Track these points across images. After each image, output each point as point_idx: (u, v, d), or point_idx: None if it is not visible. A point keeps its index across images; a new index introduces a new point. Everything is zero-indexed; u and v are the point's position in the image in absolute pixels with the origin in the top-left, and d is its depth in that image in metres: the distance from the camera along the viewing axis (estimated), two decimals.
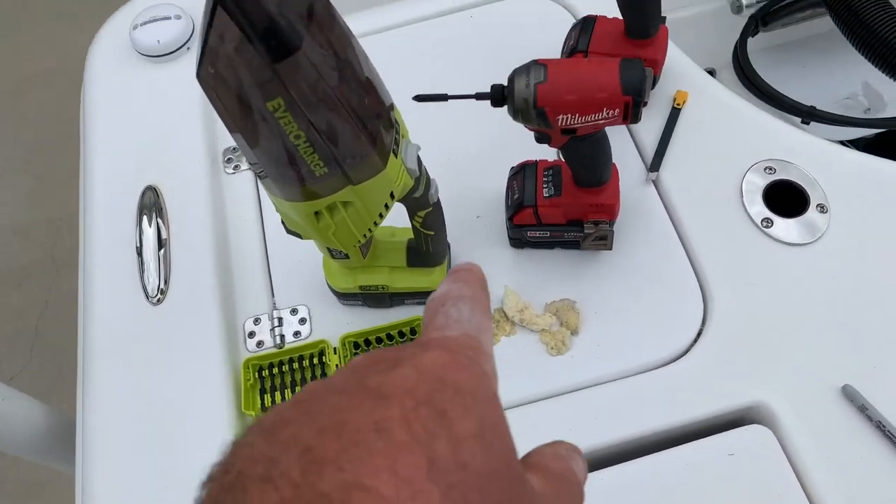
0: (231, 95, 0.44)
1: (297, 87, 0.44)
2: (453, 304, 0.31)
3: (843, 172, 0.74)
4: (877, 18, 0.82)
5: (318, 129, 0.46)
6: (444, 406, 0.24)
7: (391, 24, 0.91)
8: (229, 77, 0.43)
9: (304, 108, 0.45)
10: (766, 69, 1.14)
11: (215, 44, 0.41)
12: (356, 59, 0.49)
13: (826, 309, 0.68)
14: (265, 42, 0.40)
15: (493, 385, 0.28)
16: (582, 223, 0.69)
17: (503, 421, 0.26)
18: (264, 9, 0.39)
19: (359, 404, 0.23)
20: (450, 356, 0.26)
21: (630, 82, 0.55)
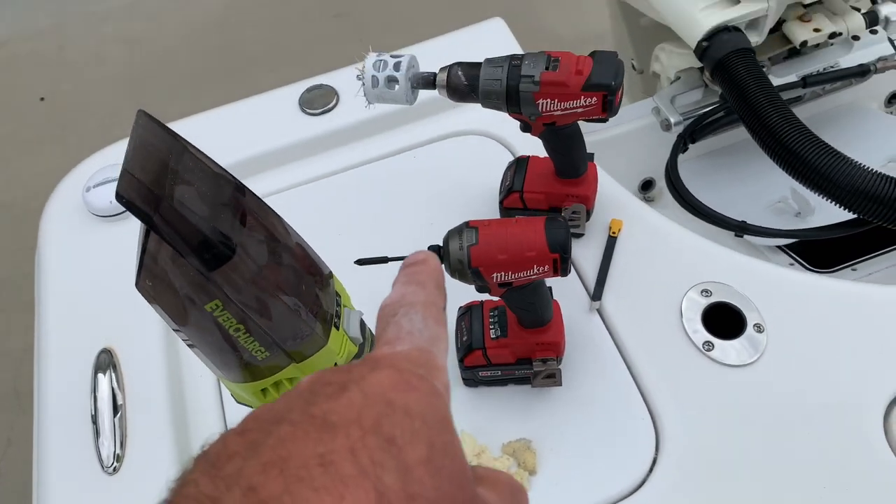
0: (169, 302, 0.46)
1: (234, 287, 0.46)
2: (405, 313, 0.30)
3: (774, 290, 0.78)
4: (792, 137, 0.88)
5: (255, 320, 0.48)
6: (393, 433, 0.23)
7: (338, 168, 0.95)
8: (166, 287, 0.45)
9: (240, 304, 0.47)
10: (700, 176, 1.20)
11: (150, 261, 0.43)
12: (290, 242, 0.52)
13: (771, 431, 0.70)
14: (199, 256, 0.43)
15: (445, 403, 0.27)
16: (531, 361, 0.71)
17: (455, 442, 0.25)
18: (196, 228, 0.42)
19: (304, 435, 0.23)
20: (398, 375, 0.26)
21: (555, 241, 0.58)
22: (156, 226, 0.40)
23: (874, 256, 0.99)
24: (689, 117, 1.09)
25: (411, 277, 0.33)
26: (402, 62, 0.71)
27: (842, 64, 1.09)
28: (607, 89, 0.66)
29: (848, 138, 1.19)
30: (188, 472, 0.23)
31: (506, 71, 0.68)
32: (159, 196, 0.39)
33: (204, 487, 0.22)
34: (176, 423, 0.75)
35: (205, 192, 0.43)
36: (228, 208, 0.45)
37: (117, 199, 0.39)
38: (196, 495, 0.22)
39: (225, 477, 0.22)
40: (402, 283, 0.32)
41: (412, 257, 0.34)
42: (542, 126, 0.72)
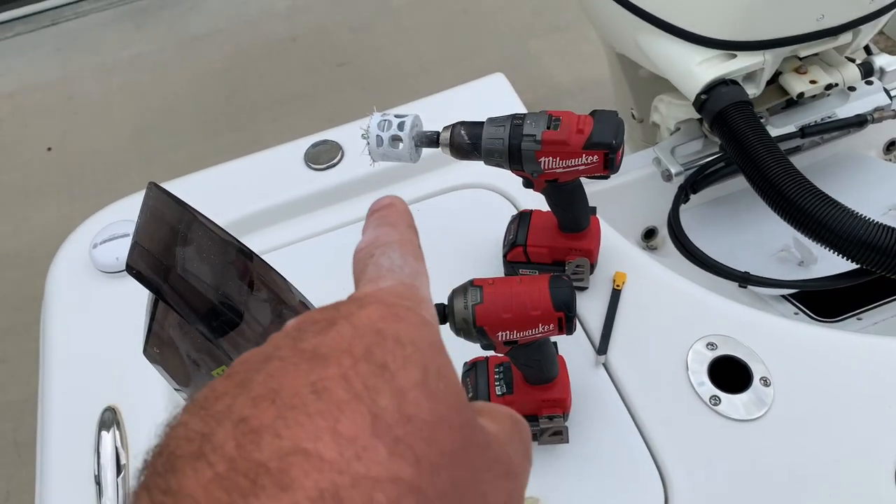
0: (176, 366, 0.46)
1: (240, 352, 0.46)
2: (382, 252, 0.30)
3: (780, 343, 0.78)
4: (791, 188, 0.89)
5: None
6: (385, 359, 0.23)
7: (343, 222, 0.95)
8: (173, 352, 0.45)
9: None
10: (702, 225, 1.21)
11: (159, 328, 0.44)
12: (294, 302, 0.52)
13: (781, 487, 0.69)
14: (207, 324, 0.43)
15: (435, 330, 0.26)
16: (537, 418, 0.71)
17: (448, 365, 0.25)
18: (204, 296, 0.42)
19: (294, 368, 0.22)
20: (386, 308, 0.25)
21: (560, 299, 0.59)
22: (165, 295, 0.41)
23: (879, 305, 0.99)
24: (690, 167, 1.10)
25: (381, 220, 0.32)
26: (406, 122, 0.72)
27: (839, 114, 1.11)
28: (608, 148, 0.67)
29: (847, 186, 1.20)
30: (177, 416, 0.23)
31: (508, 130, 0.69)
32: (168, 266, 0.40)
33: (193, 425, 0.21)
34: None
35: (213, 261, 0.43)
36: (236, 275, 0.46)
37: (128, 270, 0.39)
38: (186, 433, 0.21)
39: (215, 414, 0.21)
40: (372, 227, 0.32)
41: (378, 202, 0.34)
42: (545, 182, 0.73)
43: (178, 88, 2.89)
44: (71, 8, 3.22)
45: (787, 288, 0.92)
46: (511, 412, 0.30)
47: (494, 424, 0.27)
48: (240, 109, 2.75)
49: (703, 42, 1.01)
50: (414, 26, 2.95)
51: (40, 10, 3.18)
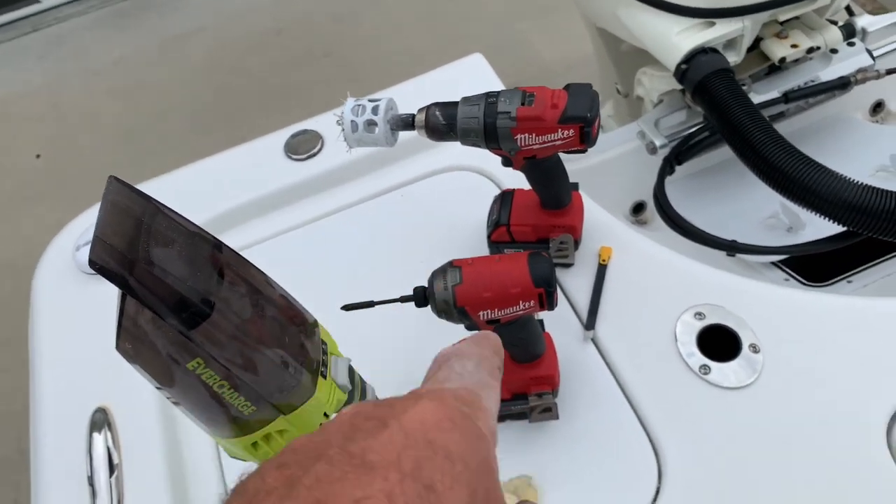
0: (150, 362, 0.46)
1: (215, 344, 0.46)
2: (458, 359, 0.30)
3: (768, 309, 0.77)
4: (775, 153, 0.88)
5: (239, 375, 0.48)
6: (433, 478, 0.22)
7: (325, 211, 0.95)
8: (147, 348, 0.45)
9: (223, 360, 0.46)
10: (690, 196, 1.20)
11: (130, 323, 0.43)
12: (272, 293, 0.52)
13: (774, 452, 0.69)
14: (177, 316, 0.43)
15: (488, 446, 0.26)
16: (527, 396, 0.71)
17: (496, 487, 0.25)
18: (172, 288, 0.42)
19: (341, 475, 0.22)
20: (442, 410, 0.25)
21: (539, 276, 0.58)
22: (131, 288, 0.40)
23: (868, 267, 0.98)
24: (675, 139, 1.10)
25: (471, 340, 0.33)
26: (381, 106, 0.71)
27: (822, 77, 1.10)
28: (583, 121, 0.66)
29: (835, 150, 1.20)
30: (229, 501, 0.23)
31: (482, 108, 0.69)
32: (133, 259, 0.39)
33: None
34: (173, 481, 0.75)
35: (180, 252, 0.43)
36: (206, 266, 0.45)
37: (90, 265, 0.39)
38: None
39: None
40: (461, 342, 0.33)
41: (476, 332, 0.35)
42: (523, 160, 0.72)
43: (165, 89, 2.87)
44: (51, 13, 3.20)
45: (775, 254, 0.91)
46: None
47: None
48: (229, 106, 2.74)
49: (680, 11, 1.00)
50: (399, 13, 2.93)
51: (20, 17, 3.16)
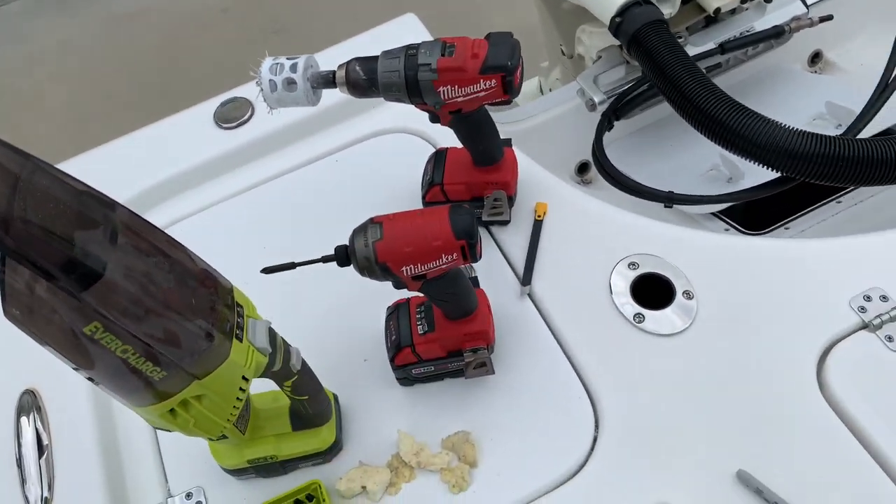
0: (44, 328, 0.44)
1: (112, 307, 0.44)
2: None
3: (701, 256, 0.78)
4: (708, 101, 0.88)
5: (143, 340, 0.46)
6: None
7: (260, 179, 0.93)
8: (36, 312, 0.43)
9: (123, 324, 0.45)
10: (634, 152, 1.20)
11: (14, 285, 0.41)
12: (178, 255, 0.50)
13: (709, 394, 0.69)
14: (64, 275, 0.41)
15: None
16: (462, 352, 0.70)
17: None
18: (54, 248, 0.40)
19: None
20: None
21: (460, 227, 0.57)
22: (7, 248, 0.38)
23: (805, 213, 0.99)
24: (613, 95, 1.09)
25: None
26: (299, 63, 0.69)
27: (757, 27, 1.10)
28: (504, 70, 0.65)
29: (775, 100, 1.20)
30: None
31: (402, 61, 0.67)
32: (7, 217, 0.37)
33: None
34: (107, 460, 0.73)
35: (65, 211, 0.41)
36: (96, 226, 0.43)
37: None
38: None
39: None
40: None
41: None
42: (449, 114, 0.71)
43: (111, 71, 2.79)
44: None
45: (710, 203, 0.92)
46: None
47: None
48: (177, 87, 2.67)
49: None
50: None
51: None
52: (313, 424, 0.68)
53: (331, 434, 0.69)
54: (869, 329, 0.70)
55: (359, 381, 0.75)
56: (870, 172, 0.81)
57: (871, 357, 0.69)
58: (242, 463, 0.67)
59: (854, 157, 0.80)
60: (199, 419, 0.54)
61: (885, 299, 0.72)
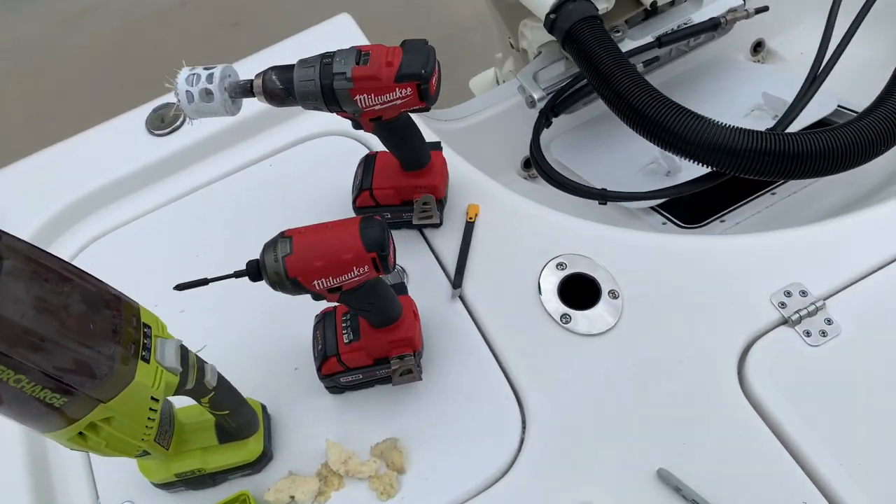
0: None
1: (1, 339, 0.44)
2: None
3: (628, 255, 0.78)
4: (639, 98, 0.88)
5: (39, 369, 0.46)
6: None
7: (193, 186, 0.92)
8: None
9: (14, 354, 0.44)
10: (577, 148, 1.21)
11: None
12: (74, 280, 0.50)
13: (631, 393, 0.70)
14: None
15: None
16: (388, 360, 0.70)
17: None
18: None
19: None
20: None
21: (371, 240, 0.57)
22: None
23: (739, 206, 1.00)
24: (552, 91, 1.09)
25: None
26: (215, 73, 0.69)
27: (695, 20, 1.10)
28: (418, 78, 0.65)
29: (716, 90, 1.21)
30: None
31: (318, 70, 0.67)
32: None
33: None
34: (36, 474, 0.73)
35: None
36: None
37: None
38: None
39: None
40: None
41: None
42: (370, 122, 0.71)
43: (68, 68, 2.75)
44: None
45: (643, 199, 0.92)
46: None
47: None
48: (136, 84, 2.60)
49: None
50: None
51: None
52: (239, 437, 0.68)
53: (258, 445, 0.69)
54: (788, 324, 0.72)
55: (290, 390, 0.75)
56: (793, 166, 0.82)
57: (790, 352, 0.70)
58: (170, 477, 0.67)
59: (776, 151, 0.81)
60: (111, 441, 0.54)
61: (805, 294, 0.73)
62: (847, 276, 0.73)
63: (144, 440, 0.56)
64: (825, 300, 0.72)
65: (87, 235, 0.89)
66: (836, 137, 0.83)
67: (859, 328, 0.70)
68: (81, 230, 0.90)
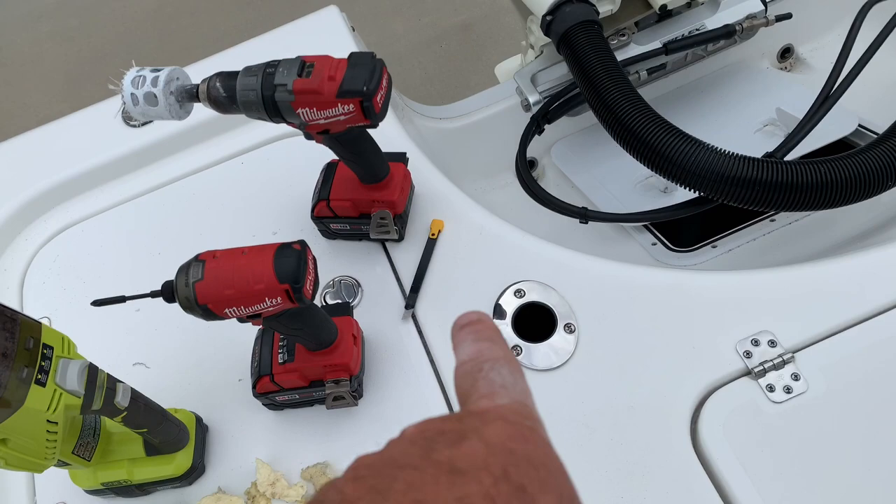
0: None
1: None
2: (491, 366, 0.30)
3: (590, 285, 0.74)
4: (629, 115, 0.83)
5: None
6: (522, 481, 0.23)
7: (164, 180, 0.91)
8: None
9: None
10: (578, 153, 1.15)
11: None
12: None
13: (576, 436, 0.67)
14: None
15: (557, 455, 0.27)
16: (324, 383, 0.68)
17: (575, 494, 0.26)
18: None
19: (434, 479, 0.22)
20: (511, 427, 0.26)
21: (284, 271, 0.55)
22: None
23: (734, 232, 0.94)
24: (549, 96, 1.04)
25: (478, 335, 0.32)
26: (160, 77, 0.66)
27: (709, 25, 1.03)
28: (361, 95, 0.61)
29: (731, 100, 1.14)
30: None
31: (260, 80, 0.64)
32: None
33: None
34: None
35: None
36: None
37: None
38: None
39: None
40: (471, 342, 0.32)
41: (464, 317, 0.33)
42: (318, 134, 0.68)
43: (108, 32, 2.78)
44: None
45: (624, 221, 0.87)
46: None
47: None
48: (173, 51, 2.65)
49: None
50: None
51: None
52: (165, 451, 0.67)
53: (186, 460, 0.68)
54: (752, 376, 0.66)
55: (230, 402, 0.74)
56: (783, 197, 0.76)
57: (749, 407, 0.65)
58: (97, 485, 0.67)
59: (765, 180, 0.75)
60: (11, 460, 0.53)
61: (773, 344, 0.67)
62: (822, 329, 0.67)
63: (48, 459, 0.55)
64: (795, 353, 0.67)
65: (57, 224, 0.89)
66: (836, 169, 0.76)
67: (827, 388, 0.65)
68: (52, 219, 0.90)
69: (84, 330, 0.76)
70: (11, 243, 0.89)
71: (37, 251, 0.87)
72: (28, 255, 0.87)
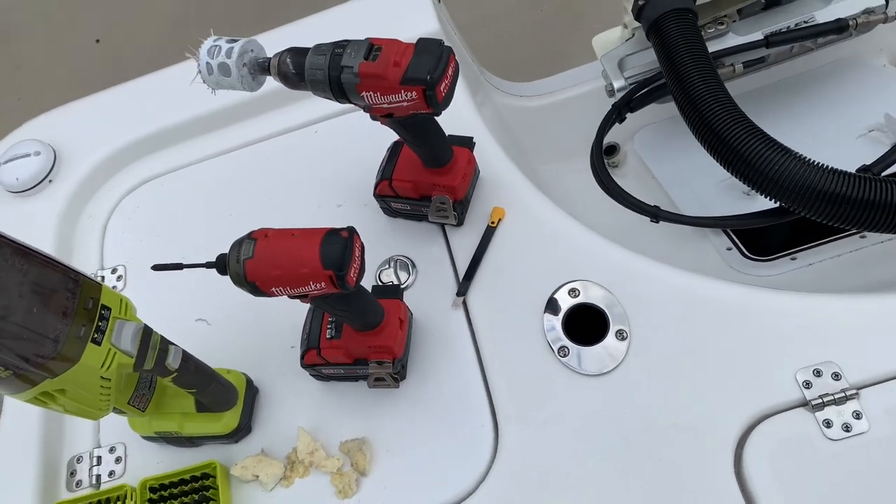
0: None
1: None
2: None
3: (648, 293, 0.71)
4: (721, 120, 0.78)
5: None
6: None
7: (240, 143, 0.93)
8: None
9: None
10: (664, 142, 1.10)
11: None
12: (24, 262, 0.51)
13: (615, 446, 0.65)
14: None
15: None
16: (367, 362, 0.69)
17: None
18: None
19: None
20: None
21: (329, 258, 0.55)
22: None
23: (817, 245, 0.88)
24: (636, 82, 0.99)
25: None
26: (235, 48, 0.67)
27: (818, 18, 0.95)
28: (424, 84, 0.60)
29: (837, 98, 1.06)
30: None
31: (328, 60, 0.64)
32: None
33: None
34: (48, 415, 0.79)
35: None
36: None
37: None
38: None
39: None
40: None
41: None
42: (382, 117, 0.67)
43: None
44: None
45: (696, 225, 0.83)
46: None
47: None
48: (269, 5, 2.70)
49: None
50: None
51: None
52: (214, 410, 0.70)
53: (233, 420, 0.71)
54: (808, 408, 0.63)
55: (281, 368, 0.76)
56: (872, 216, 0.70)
57: (801, 440, 0.62)
58: (151, 433, 0.71)
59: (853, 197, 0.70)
60: (69, 407, 0.57)
61: (837, 377, 0.63)
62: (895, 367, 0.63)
63: (102, 409, 0.59)
64: (860, 389, 0.62)
65: (140, 176, 0.93)
66: None
67: (892, 431, 0.60)
68: (136, 170, 0.94)
69: (155, 282, 0.80)
70: (99, 190, 0.94)
71: (119, 200, 0.92)
72: (112, 203, 0.92)
